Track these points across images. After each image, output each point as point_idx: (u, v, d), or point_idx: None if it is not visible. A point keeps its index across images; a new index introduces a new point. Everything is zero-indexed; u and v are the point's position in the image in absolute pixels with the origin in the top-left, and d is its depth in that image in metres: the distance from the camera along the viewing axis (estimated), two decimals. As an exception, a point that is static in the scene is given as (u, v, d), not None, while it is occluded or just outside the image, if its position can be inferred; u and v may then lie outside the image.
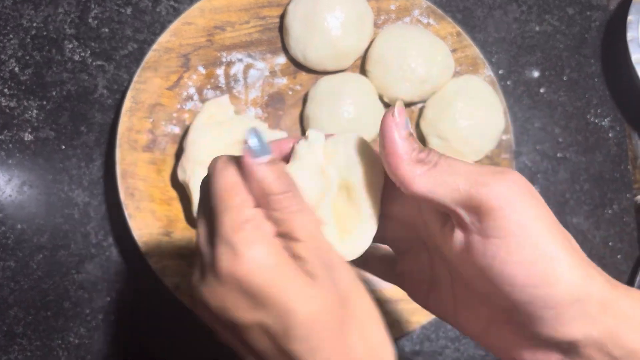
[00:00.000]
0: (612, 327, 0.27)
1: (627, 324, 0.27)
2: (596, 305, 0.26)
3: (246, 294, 0.27)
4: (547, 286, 0.26)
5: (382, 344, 0.29)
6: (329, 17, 0.52)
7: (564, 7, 0.64)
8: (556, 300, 0.26)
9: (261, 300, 0.27)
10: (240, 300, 0.27)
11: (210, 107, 0.51)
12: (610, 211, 0.61)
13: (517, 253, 0.27)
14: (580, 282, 0.26)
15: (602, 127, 0.62)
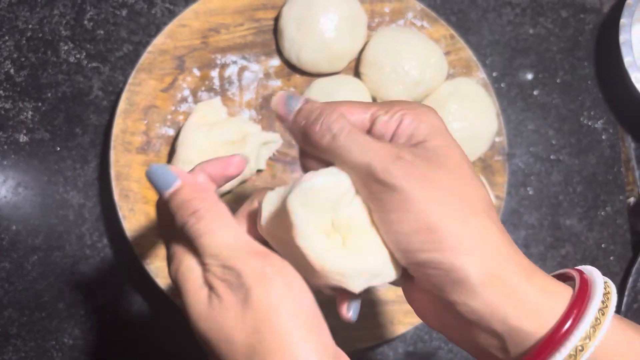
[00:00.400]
0: (494, 301, 0.27)
1: (509, 300, 0.27)
2: (477, 277, 0.27)
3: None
4: (431, 252, 0.27)
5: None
6: (322, 20, 0.52)
7: (557, 10, 0.64)
8: (443, 268, 0.27)
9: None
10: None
11: (202, 109, 0.52)
12: (603, 213, 0.61)
13: (405, 222, 0.28)
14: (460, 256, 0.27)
15: (595, 129, 0.62)
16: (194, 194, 0.29)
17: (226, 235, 0.28)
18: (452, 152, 0.29)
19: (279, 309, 0.26)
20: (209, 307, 0.27)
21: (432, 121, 0.29)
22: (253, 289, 0.26)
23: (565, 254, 0.60)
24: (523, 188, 0.60)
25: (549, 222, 0.60)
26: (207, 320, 0.27)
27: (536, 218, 0.60)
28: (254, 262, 0.27)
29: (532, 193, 0.60)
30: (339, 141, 0.28)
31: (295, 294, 0.27)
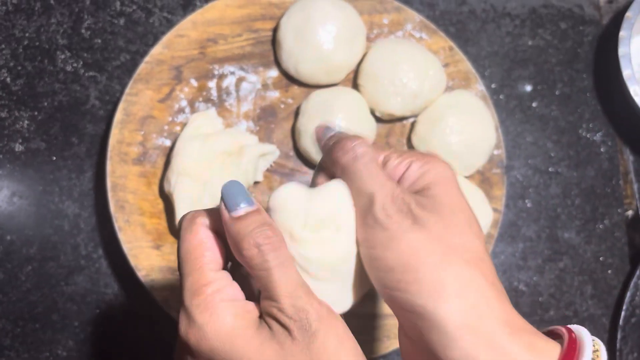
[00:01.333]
0: (472, 354, 0.26)
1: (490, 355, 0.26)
2: (453, 326, 0.26)
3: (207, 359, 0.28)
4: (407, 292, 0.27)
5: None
6: (321, 31, 0.52)
7: (556, 22, 0.64)
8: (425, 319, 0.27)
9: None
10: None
11: (197, 119, 0.51)
12: (601, 226, 0.61)
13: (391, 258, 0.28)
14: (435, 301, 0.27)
15: (594, 141, 0.62)
16: (271, 221, 0.29)
17: (295, 273, 0.28)
18: (450, 201, 0.29)
19: (340, 354, 0.27)
20: (274, 345, 0.27)
21: (439, 170, 0.30)
22: (319, 332, 0.27)
23: (563, 267, 0.60)
24: (521, 200, 0.60)
25: (547, 234, 0.60)
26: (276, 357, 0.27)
27: (534, 230, 0.60)
28: (316, 305, 0.27)
29: (530, 205, 0.60)
30: (357, 164, 0.30)
31: (350, 338, 0.28)
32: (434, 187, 0.29)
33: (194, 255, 0.29)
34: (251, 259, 0.27)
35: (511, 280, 0.59)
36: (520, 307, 0.59)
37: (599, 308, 0.59)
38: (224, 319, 0.27)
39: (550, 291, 0.59)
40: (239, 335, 0.27)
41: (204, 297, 0.28)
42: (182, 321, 0.28)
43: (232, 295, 0.28)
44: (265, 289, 0.28)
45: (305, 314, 0.27)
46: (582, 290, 0.60)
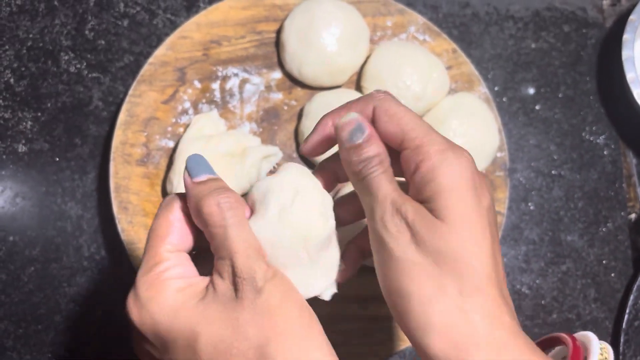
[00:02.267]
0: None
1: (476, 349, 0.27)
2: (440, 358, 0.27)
3: (154, 337, 0.28)
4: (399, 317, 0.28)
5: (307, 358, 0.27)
6: (325, 33, 0.52)
7: (560, 24, 0.64)
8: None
9: (166, 339, 0.28)
10: (151, 343, 0.29)
11: (200, 121, 0.51)
12: (604, 229, 0.61)
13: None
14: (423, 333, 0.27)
15: (597, 144, 0.62)
16: (228, 187, 0.30)
17: (250, 233, 0.29)
18: (455, 219, 0.27)
19: (285, 307, 0.27)
20: (218, 306, 0.27)
21: (449, 178, 0.28)
22: (264, 288, 0.27)
23: (566, 270, 0.60)
24: (524, 203, 0.60)
25: (550, 237, 0.60)
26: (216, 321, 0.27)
27: (537, 234, 0.60)
28: (264, 265, 0.28)
29: (533, 208, 0.60)
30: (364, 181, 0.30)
31: (295, 292, 0.29)
32: (438, 199, 0.28)
33: (157, 234, 0.30)
34: (210, 215, 0.28)
35: (514, 284, 0.59)
36: (523, 310, 0.58)
37: (602, 311, 0.59)
38: (167, 294, 0.28)
39: (553, 294, 0.59)
40: (182, 307, 0.27)
41: (151, 274, 0.29)
42: (129, 297, 0.29)
43: (181, 273, 0.29)
44: (221, 247, 0.28)
45: (253, 272, 0.27)
46: (585, 294, 0.60)
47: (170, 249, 0.30)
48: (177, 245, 0.30)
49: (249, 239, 0.28)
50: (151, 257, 0.29)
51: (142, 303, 0.28)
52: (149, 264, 0.29)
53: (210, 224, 0.28)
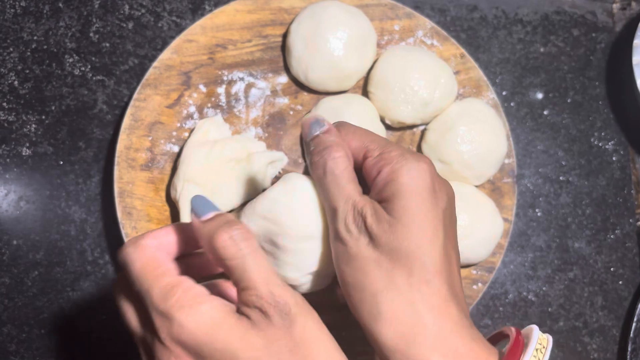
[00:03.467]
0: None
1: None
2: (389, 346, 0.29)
3: (194, 355, 0.28)
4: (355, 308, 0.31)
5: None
6: (331, 38, 0.52)
7: (569, 28, 0.63)
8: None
9: (207, 358, 0.27)
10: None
11: (204, 126, 0.51)
12: (612, 236, 0.60)
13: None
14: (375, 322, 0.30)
15: (605, 150, 0.62)
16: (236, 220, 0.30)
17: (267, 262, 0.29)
18: (408, 218, 0.29)
19: (319, 339, 0.28)
20: (258, 332, 0.27)
21: (407, 180, 0.30)
22: (297, 317, 0.28)
23: (573, 277, 0.59)
24: (531, 209, 0.59)
25: (557, 244, 0.59)
26: (256, 345, 0.27)
27: (544, 240, 0.59)
28: (292, 291, 0.29)
29: (540, 215, 0.59)
30: (325, 179, 0.31)
31: (324, 327, 0.29)
32: (395, 199, 0.30)
33: (152, 267, 0.29)
34: (225, 249, 0.28)
35: (520, 290, 0.58)
36: (529, 318, 0.58)
37: (609, 319, 0.59)
38: (204, 313, 0.28)
39: (559, 302, 0.59)
40: (221, 326, 0.27)
41: (178, 296, 0.28)
42: (160, 327, 0.28)
43: (204, 291, 0.29)
44: (241, 279, 0.28)
45: (283, 299, 0.28)
46: (593, 301, 0.59)
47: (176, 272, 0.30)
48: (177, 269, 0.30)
49: (268, 267, 0.29)
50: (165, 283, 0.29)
51: (179, 323, 0.27)
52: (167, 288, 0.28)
53: (227, 257, 0.29)
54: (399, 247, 0.29)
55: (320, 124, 0.33)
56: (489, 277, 0.54)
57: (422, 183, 0.30)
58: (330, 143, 0.32)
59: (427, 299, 0.29)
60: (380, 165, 0.31)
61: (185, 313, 0.27)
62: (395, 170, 0.30)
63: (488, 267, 0.54)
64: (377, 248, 0.29)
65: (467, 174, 0.52)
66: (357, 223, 0.30)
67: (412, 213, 0.29)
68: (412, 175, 0.30)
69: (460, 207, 0.50)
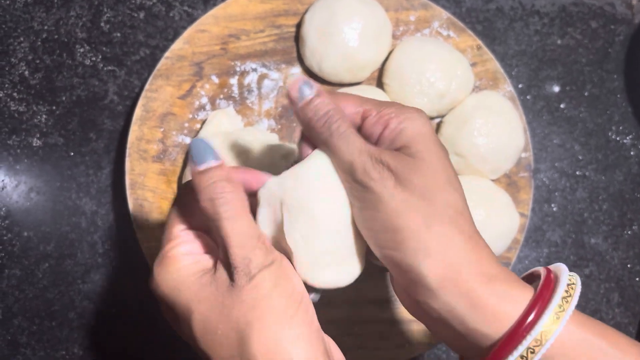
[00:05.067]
0: (451, 303, 0.29)
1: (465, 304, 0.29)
2: (434, 280, 0.29)
3: (167, 307, 0.31)
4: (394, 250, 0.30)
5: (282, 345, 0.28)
6: (346, 28, 0.51)
7: (587, 20, 0.62)
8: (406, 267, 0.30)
9: (175, 312, 0.30)
10: (168, 312, 0.31)
11: (216, 117, 0.50)
12: (629, 232, 0.59)
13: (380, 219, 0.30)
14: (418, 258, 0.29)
15: (623, 144, 0.60)
16: (229, 176, 0.31)
17: (247, 224, 0.30)
18: (430, 158, 0.30)
19: (272, 293, 0.29)
20: (211, 289, 0.29)
21: (416, 127, 0.31)
22: (257, 276, 0.29)
23: (589, 274, 0.58)
24: (547, 204, 0.58)
25: (573, 240, 0.58)
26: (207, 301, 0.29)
27: (559, 236, 0.58)
28: (260, 254, 0.29)
29: (556, 210, 0.59)
30: (333, 139, 0.31)
31: (287, 280, 0.30)
32: (413, 144, 0.31)
33: (175, 214, 0.32)
34: (205, 210, 0.30)
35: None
36: (544, 314, 0.57)
37: (626, 316, 0.58)
38: (173, 269, 0.30)
39: (575, 298, 0.58)
40: (183, 282, 0.30)
41: (163, 250, 0.31)
42: (151, 275, 0.31)
43: (189, 249, 0.31)
44: (217, 237, 0.30)
45: (248, 261, 0.29)
46: (609, 298, 0.58)
47: (182, 227, 0.32)
48: (187, 222, 0.32)
49: (244, 230, 0.30)
50: (165, 235, 0.32)
51: (154, 276, 0.31)
52: (163, 242, 0.32)
53: (207, 216, 0.30)
54: (429, 183, 0.30)
55: (310, 86, 0.32)
56: (504, 273, 0.53)
57: (430, 130, 0.32)
58: (328, 106, 0.32)
59: (463, 229, 0.30)
60: (385, 120, 0.32)
61: (160, 268, 0.31)
62: (403, 120, 0.31)
63: (504, 263, 0.53)
64: (407, 188, 0.30)
65: (483, 167, 0.51)
66: (379, 169, 0.30)
67: (432, 153, 0.31)
68: (420, 124, 0.31)
69: (476, 201, 0.49)
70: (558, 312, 0.28)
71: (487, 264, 0.29)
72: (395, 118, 0.31)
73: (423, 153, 0.30)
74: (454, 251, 0.29)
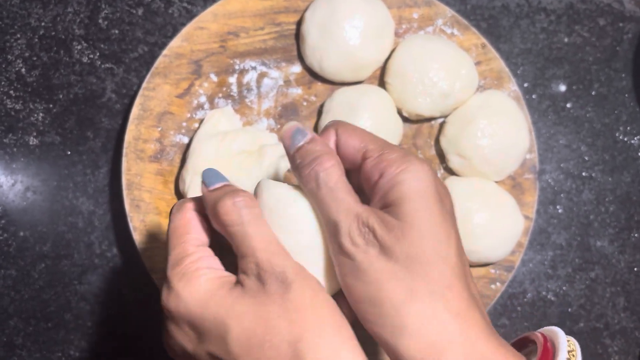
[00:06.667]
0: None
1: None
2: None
3: (190, 326, 0.29)
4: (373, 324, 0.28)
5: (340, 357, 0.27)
6: (347, 26, 0.50)
7: (595, 18, 0.61)
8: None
9: (201, 329, 0.29)
10: (187, 333, 0.29)
11: (214, 116, 0.49)
12: (636, 235, 0.58)
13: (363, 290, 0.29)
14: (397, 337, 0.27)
15: (631, 145, 0.59)
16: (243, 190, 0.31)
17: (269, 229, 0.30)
18: (419, 222, 0.28)
19: (316, 304, 0.28)
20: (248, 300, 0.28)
21: (413, 182, 0.29)
22: (293, 284, 0.28)
23: (594, 277, 0.57)
24: (552, 206, 0.57)
25: (578, 242, 0.57)
26: (247, 313, 0.28)
27: (565, 238, 0.57)
28: (291, 260, 0.29)
29: (561, 212, 0.57)
30: (320, 192, 0.29)
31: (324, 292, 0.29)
32: (405, 203, 0.28)
33: (180, 232, 0.31)
34: (227, 215, 0.29)
35: (539, 290, 0.56)
36: (548, 318, 0.56)
37: (632, 321, 0.57)
38: (199, 284, 0.29)
39: (580, 302, 0.57)
40: (212, 297, 0.28)
41: (182, 266, 0.30)
42: (163, 291, 0.30)
43: (209, 264, 0.30)
44: (241, 245, 0.29)
45: (280, 267, 0.28)
46: (614, 302, 0.57)
47: (195, 243, 0.31)
48: (201, 240, 0.31)
49: (269, 235, 0.29)
50: (179, 252, 0.30)
51: (176, 293, 0.29)
52: (178, 257, 0.30)
53: (228, 223, 0.29)
54: (414, 254, 0.28)
55: (302, 133, 0.31)
56: (508, 277, 0.52)
57: (429, 185, 0.29)
58: (318, 153, 0.30)
59: (450, 306, 0.27)
60: (382, 167, 0.29)
61: (183, 284, 0.29)
62: (399, 172, 0.29)
63: (507, 266, 0.52)
64: (391, 258, 0.28)
65: (487, 169, 0.50)
66: (364, 235, 0.28)
67: (424, 216, 0.28)
68: (418, 178, 0.29)
69: (480, 204, 0.48)
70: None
71: (476, 345, 0.27)
72: (393, 167, 0.29)
73: (413, 215, 0.28)
74: (436, 330, 0.27)
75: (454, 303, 0.27)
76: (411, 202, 0.28)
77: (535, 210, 0.53)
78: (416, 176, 0.29)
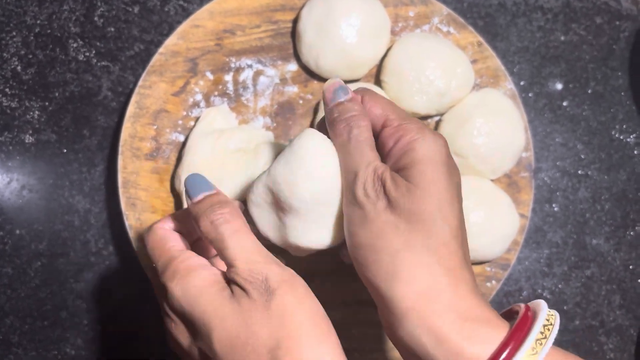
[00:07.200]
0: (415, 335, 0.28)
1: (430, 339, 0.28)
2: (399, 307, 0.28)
3: (184, 322, 0.31)
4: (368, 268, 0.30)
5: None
6: (343, 24, 0.50)
7: (591, 16, 0.61)
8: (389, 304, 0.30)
9: (192, 326, 0.30)
10: (182, 330, 0.31)
11: (210, 114, 0.49)
12: (632, 233, 0.58)
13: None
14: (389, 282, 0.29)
15: (627, 143, 0.59)
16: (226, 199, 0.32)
17: (250, 241, 0.31)
18: (425, 184, 0.30)
19: (298, 311, 0.29)
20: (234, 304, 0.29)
21: (425, 150, 0.31)
22: (277, 291, 0.29)
23: (590, 275, 0.57)
24: (548, 204, 0.57)
25: (574, 240, 0.57)
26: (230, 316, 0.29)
27: (561, 236, 0.57)
28: (275, 268, 0.30)
29: (557, 210, 0.57)
30: (350, 145, 0.32)
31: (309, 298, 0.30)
32: (414, 166, 0.30)
33: (158, 245, 0.33)
34: (208, 233, 0.31)
35: (535, 288, 0.56)
36: (544, 316, 0.56)
37: (627, 319, 0.57)
38: (189, 280, 0.30)
39: (576, 300, 0.57)
40: (203, 293, 0.30)
41: (172, 267, 0.31)
42: (160, 297, 0.32)
43: (198, 263, 0.31)
44: (224, 257, 0.30)
45: (263, 275, 0.29)
46: (610, 300, 0.57)
47: (177, 248, 0.33)
48: (180, 245, 0.33)
49: (250, 245, 0.30)
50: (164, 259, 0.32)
51: (170, 291, 0.30)
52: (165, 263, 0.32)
53: (210, 239, 0.31)
54: (417, 210, 0.29)
55: (345, 91, 0.33)
56: (504, 275, 0.52)
57: (439, 155, 0.31)
58: (355, 112, 0.32)
59: (443, 261, 0.29)
60: (399, 136, 0.32)
61: (175, 282, 0.30)
62: (413, 140, 0.31)
63: (503, 264, 0.52)
64: (395, 211, 0.30)
65: (483, 167, 0.50)
66: (376, 187, 0.30)
67: (430, 179, 0.30)
68: (429, 147, 0.31)
69: (476, 203, 0.48)
70: (531, 355, 0.26)
71: (464, 300, 0.28)
72: (408, 136, 0.31)
73: (420, 177, 0.30)
74: (427, 281, 0.28)
75: (447, 259, 0.29)
76: (421, 165, 0.30)
77: (531, 208, 0.53)
78: (429, 145, 0.31)
